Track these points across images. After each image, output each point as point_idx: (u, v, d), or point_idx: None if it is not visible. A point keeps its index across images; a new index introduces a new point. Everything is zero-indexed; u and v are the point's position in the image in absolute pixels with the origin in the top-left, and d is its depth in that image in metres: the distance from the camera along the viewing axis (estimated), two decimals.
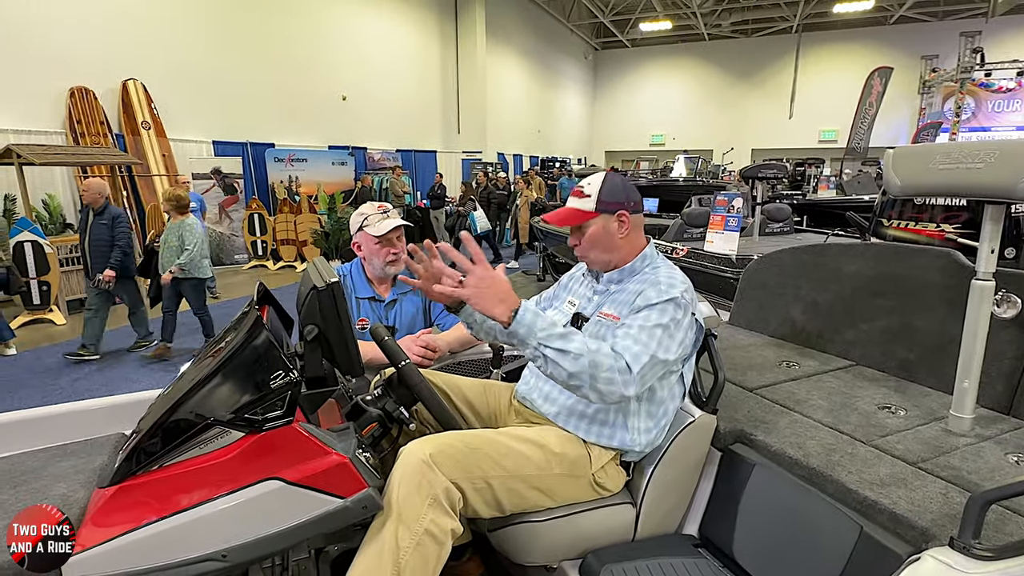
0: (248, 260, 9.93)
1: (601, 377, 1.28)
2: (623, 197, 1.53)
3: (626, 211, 1.53)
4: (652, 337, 1.36)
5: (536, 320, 1.30)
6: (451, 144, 16.82)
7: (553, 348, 1.28)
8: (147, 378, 4.72)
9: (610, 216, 1.52)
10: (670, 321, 1.39)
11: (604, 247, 1.54)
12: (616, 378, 1.29)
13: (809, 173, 13.60)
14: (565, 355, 1.28)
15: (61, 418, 1.51)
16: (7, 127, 7.05)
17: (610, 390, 1.29)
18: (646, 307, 1.42)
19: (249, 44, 10.45)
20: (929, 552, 1.09)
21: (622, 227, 1.53)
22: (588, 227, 1.54)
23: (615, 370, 1.29)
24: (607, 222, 1.52)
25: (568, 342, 1.29)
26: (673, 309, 1.41)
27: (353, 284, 2.12)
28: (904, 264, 2.07)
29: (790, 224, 6.74)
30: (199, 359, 1.36)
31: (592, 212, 1.52)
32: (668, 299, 1.41)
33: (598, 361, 1.28)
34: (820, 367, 2.13)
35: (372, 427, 1.38)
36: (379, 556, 1.17)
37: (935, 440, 1.56)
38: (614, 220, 1.52)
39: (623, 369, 1.30)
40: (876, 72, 17.54)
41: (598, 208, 1.51)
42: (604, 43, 26.21)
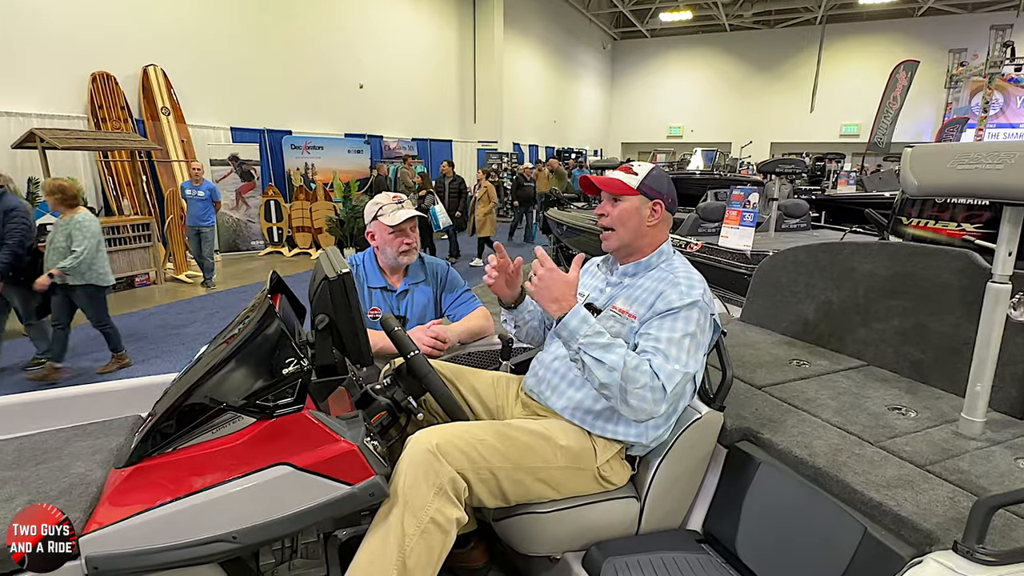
0: (264, 246, 10.04)
1: (634, 393, 1.33)
2: (665, 190, 1.58)
3: (662, 203, 1.57)
4: (682, 350, 1.39)
5: (581, 326, 1.36)
6: (467, 134, 16.79)
7: (591, 356, 1.34)
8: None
9: (647, 201, 1.56)
10: (696, 328, 1.43)
11: (630, 227, 1.57)
12: (648, 396, 1.33)
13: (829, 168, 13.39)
14: (601, 365, 1.33)
15: (81, 399, 1.55)
16: (30, 111, 7.16)
17: (640, 407, 1.34)
18: (669, 314, 1.43)
19: (268, 31, 10.48)
20: (932, 555, 1.08)
21: (653, 216, 1.56)
22: (623, 201, 1.57)
23: (648, 388, 1.33)
24: (642, 205, 1.56)
25: (607, 353, 1.34)
26: (697, 314, 1.43)
27: (365, 274, 2.14)
28: (920, 264, 2.04)
29: (807, 220, 6.66)
30: (214, 344, 1.39)
31: (633, 189, 1.56)
32: (690, 302, 1.43)
33: (633, 377, 1.32)
34: (831, 366, 2.12)
35: (380, 416, 1.40)
36: (385, 542, 1.19)
37: (945, 443, 1.54)
38: (649, 206, 1.56)
39: (657, 388, 1.34)
40: (901, 65, 17.15)
41: (640, 188, 1.56)
42: (623, 33, 25.92)
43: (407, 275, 2.16)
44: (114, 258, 7.08)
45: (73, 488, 1.15)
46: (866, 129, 18.99)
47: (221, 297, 6.93)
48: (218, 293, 7.11)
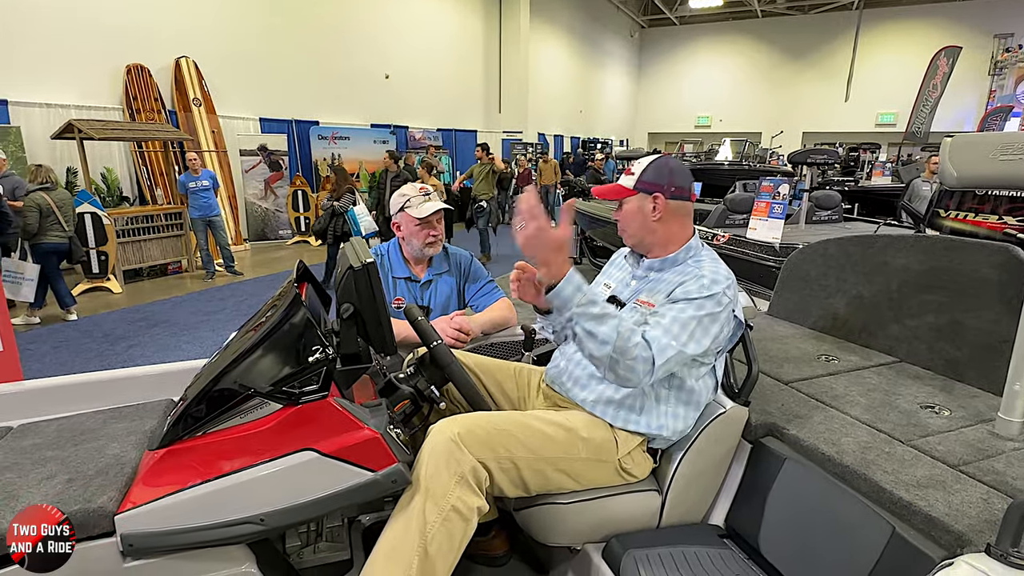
0: (292, 236, 10.20)
1: (623, 363, 1.30)
2: (664, 180, 1.54)
3: (662, 194, 1.52)
4: (684, 329, 1.36)
5: (575, 295, 1.31)
6: (492, 123, 16.76)
7: (584, 328, 1.31)
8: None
9: (646, 196, 1.53)
10: (706, 315, 1.39)
11: (637, 225, 1.56)
12: (638, 368, 1.31)
13: (863, 159, 13.00)
14: (593, 338, 1.31)
15: (117, 383, 1.61)
16: (69, 103, 7.38)
17: (627, 376, 1.33)
18: (682, 299, 1.41)
19: (296, 23, 10.59)
20: (963, 558, 1.06)
21: (655, 210, 1.53)
22: (626, 204, 1.57)
23: (639, 360, 1.31)
24: (642, 202, 1.54)
25: (599, 324, 1.30)
26: (711, 305, 1.40)
27: (390, 264, 2.16)
28: (957, 258, 1.97)
29: (839, 212, 6.48)
30: (243, 331, 1.42)
31: (631, 190, 1.55)
32: (708, 295, 1.41)
33: (625, 348, 1.30)
34: (861, 362, 2.07)
35: (404, 404, 1.42)
36: (407, 528, 1.21)
37: (980, 443, 1.50)
38: (649, 201, 1.53)
39: (647, 360, 1.32)
40: (942, 51, 16.50)
41: (636, 187, 1.54)
42: (651, 20, 25.48)
43: (431, 265, 2.18)
44: (148, 246, 7.31)
45: (109, 468, 1.19)
46: (903, 119, 18.35)
47: (250, 285, 7.08)
48: (247, 281, 7.26)
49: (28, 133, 6.94)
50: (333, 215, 6.54)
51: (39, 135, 7.02)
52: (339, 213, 6.48)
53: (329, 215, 6.57)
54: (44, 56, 7.22)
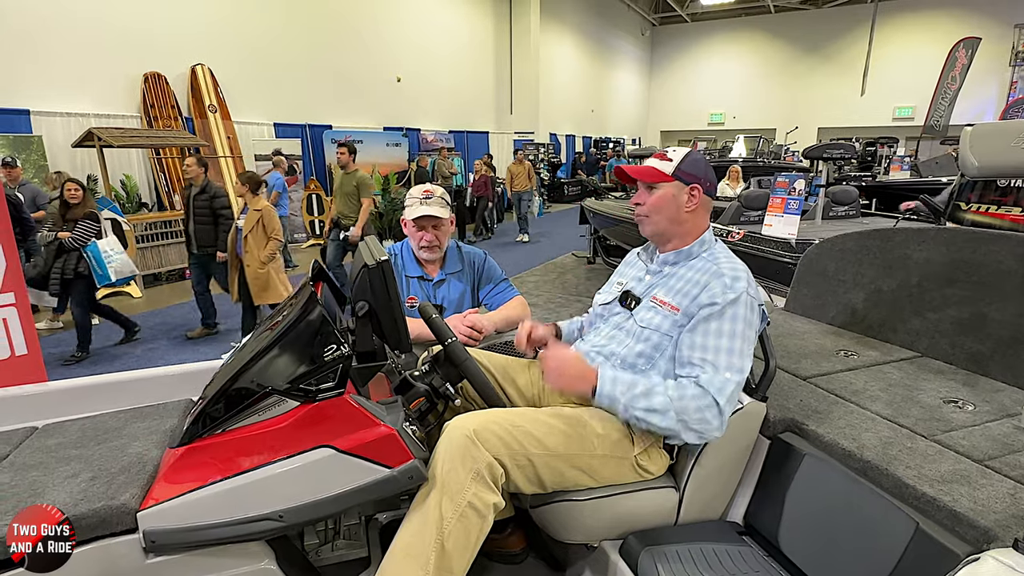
0: (307, 239, 10.29)
1: (693, 420, 1.35)
2: (702, 174, 1.54)
3: (700, 187, 1.52)
4: (732, 354, 1.38)
5: (615, 389, 1.39)
6: (503, 125, 16.77)
7: (640, 409, 1.37)
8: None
9: (683, 186, 1.52)
10: (743, 325, 1.40)
11: (666, 215, 1.54)
12: (707, 416, 1.35)
13: (881, 153, 12.80)
14: (653, 413, 1.36)
15: (137, 383, 1.63)
16: (88, 111, 7.52)
17: (704, 428, 1.37)
18: (714, 315, 1.40)
19: (308, 28, 10.70)
20: (990, 552, 1.03)
21: (691, 201, 1.52)
22: (658, 189, 1.54)
23: (703, 409, 1.35)
24: (679, 191, 1.52)
25: (651, 398, 1.36)
26: (743, 311, 1.41)
27: (403, 263, 2.17)
28: (980, 251, 1.93)
29: (856, 208, 6.39)
30: (260, 330, 1.44)
31: (668, 176, 1.52)
32: (734, 298, 1.40)
33: (685, 407, 1.35)
34: (881, 357, 2.04)
35: (419, 401, 1.42)
36: (424, 525, 1.22)
37: (1005, 437, 1.47)
38: (686, 192, 1.52)
39: (710, 405, 1.35)
40: (961, 43, 16.19)
41: (675, 174, 1.52)
42: (662, 18, 25.34)
43: (444, 265, 2.18)
44: (167, 251, 7.42)
45: (131, 466, 1.21)
46: (921, 112, 18.05)
47: None
48: None
49: (50, 142, 7.10)
50: (58, 254, 4.30)
51: (60, 143, 7.17)
52: (71, 250, 4.31)
53: (53, 253, 4.28)
54: (64, 67, 7.37)
